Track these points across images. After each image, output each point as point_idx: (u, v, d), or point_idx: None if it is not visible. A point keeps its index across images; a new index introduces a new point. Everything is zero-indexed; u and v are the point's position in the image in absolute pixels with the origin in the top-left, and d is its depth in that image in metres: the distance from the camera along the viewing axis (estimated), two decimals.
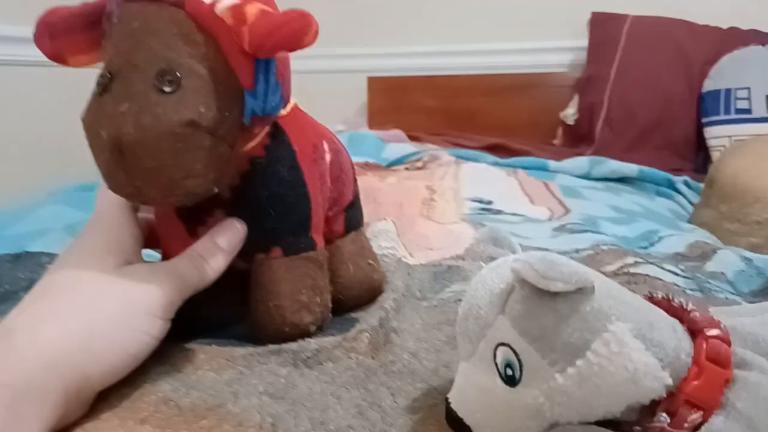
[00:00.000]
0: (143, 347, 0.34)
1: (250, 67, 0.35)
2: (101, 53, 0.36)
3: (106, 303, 0.34)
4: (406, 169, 1.17)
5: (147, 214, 0.42)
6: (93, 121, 0.33)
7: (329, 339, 0.39)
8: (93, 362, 0.32)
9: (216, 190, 0.36)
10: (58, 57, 0.37)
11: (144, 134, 0.32)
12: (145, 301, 0.35)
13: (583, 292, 0.26)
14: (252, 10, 0.33)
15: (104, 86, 0.33)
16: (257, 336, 0.41)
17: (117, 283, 0.35)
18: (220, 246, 0.38)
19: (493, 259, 0.31)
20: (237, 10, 0.33)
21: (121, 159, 0.32)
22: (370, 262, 0.48)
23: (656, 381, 0.25)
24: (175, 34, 0.34)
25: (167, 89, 0.32)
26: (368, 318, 0.43)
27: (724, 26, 1.57)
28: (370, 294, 0.48)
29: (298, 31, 0.33)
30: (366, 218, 0.72)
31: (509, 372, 0.27)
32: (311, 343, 0.38)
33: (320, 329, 0.42)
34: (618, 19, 1.64)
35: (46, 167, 1.01)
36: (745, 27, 1.55)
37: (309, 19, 0.33)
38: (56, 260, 0.37)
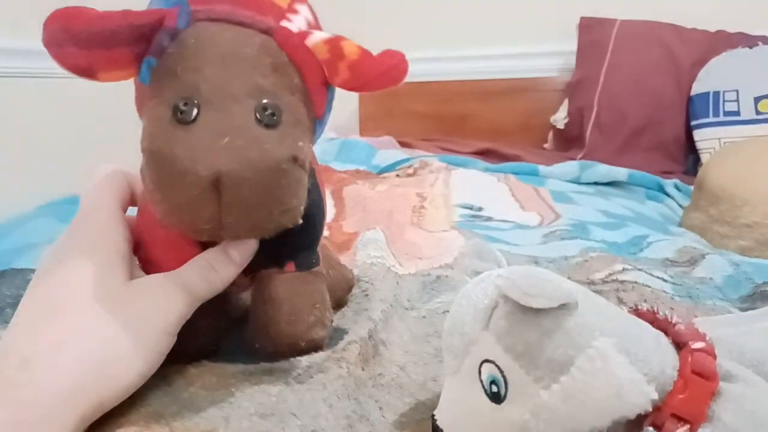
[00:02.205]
0: (153, 366, 0.33)
1: (324, 97, 0.35)
2: (160, 75, 0.32)
3: (120, 323, 0.32)
4: (397, 176, 1.17)
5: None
6: (182, 154, 0.30)
7: (319, 354, 0.39)
8: (108, 387, 0.31)
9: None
10: (85, 70, 0.31)
11: (250, 170, 0.30)
12: (158, 318, 0.33)
13: (566, 307, 0.25)
14: (350, 47, 0.33)
15: (188, 115, 0.30)
16: (265, 351, 0.39)
17: (129, 300, 0.33)
18: (232, 258, 0.37)
19: (478, 273, 0.31)
20: (334, 45, 0.33)
21: (215, 195, 0.30)
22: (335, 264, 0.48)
23: (641, 396, 0.25)
24: (269, 65, 0.32)
25: (269, 123, 0.31)
26: (357, 329, 0.43)
27: (712, 29, 1.58)
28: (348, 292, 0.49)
29: (403, 73, 0.35)
30: (355, 227, 0.73)
31: (494, 389, 0.26)
32: (302, 361, 0.38)
33: None
34: (606, 23, 1.65)
35: (35, 180, 1.01)
36: (732, 30, 1.56)
37: (406, 60, 0.35)
38: (49, 265, 0.34)
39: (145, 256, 0.39)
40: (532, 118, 1.82)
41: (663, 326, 0.28)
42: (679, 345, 0.27)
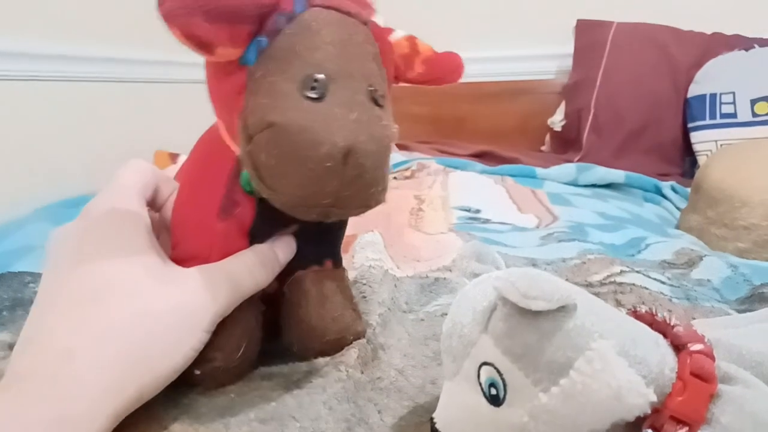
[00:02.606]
0: (188, 362, 0.33)
1: (389, 89, 0.37)
2: (278, 54, 0.32)
3: (164, 315, 0.31)
4: (395, 178, 1.17)
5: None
6: (318, 126, 0.30)
7: (318, 360, 0.39)
8: (148, 381, 0.30)
9: None
10: (206, 44, 0.30)
11: (375, 144, 0.31)
12: (200, 313, 0.33)
13: (565, 309, 0.25)
14: (422, 45, 0.39)
15: (319, 91, 0.31)
16: (309, 351, 0.40)
17: (174, 291, 0.32)
18: (278, 256, 0.37)
19: (476, 275, 0.31)
20: (412, 42, 0.38)
21: (343, 168, 0.30)
22: None
23: (640, 398, 0.25)
24: (371, 53, 0.34)
25: (378, 103, 0.33)
26: None
27: (708, 32, 1.58)
28: None
29: (462, 72, 0.41)
30: (353, 230, 0.72)
31: (493, 391, 0.26)
32: (302, 366, 0.38)
33: None
34: (603, 25, 1.65)
35: (33, 183, 1.00)
36: (728, 32, 1.56)
37: (462, 61, 0.41)
38: (76, 249, 0.33)
39: (183, 253, 0.38)
40: (529, 121, 1.82)
41: (662, 328, 0.28)
42: (678, 347, 0.27)
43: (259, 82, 0.32)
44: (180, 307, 0.32)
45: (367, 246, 0.60)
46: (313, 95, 0.31)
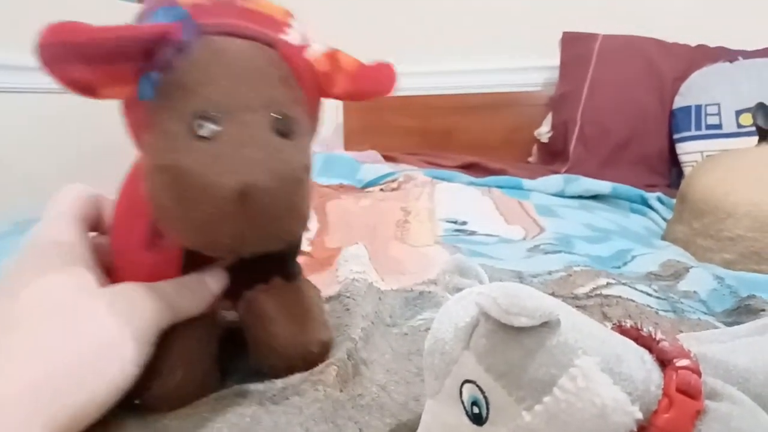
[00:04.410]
0: (131, 378, 0.31)
1: (318, 109, 0.36)
2: (169, 90, 0.31)
3: (94, 331, 0.30)
4: (381, 190, 1.17)
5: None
6: (206, 168, 0.29)
7: (296, 376, 0.38)
8: (84, 403, 0.29)
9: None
10: (86, 87, 0.29)
11: (275, 180, 0.30)
12: (137, 326, 0.32)
13: (548, 325, 0.25)
14: (346, 58, 0.35)
15: (211, 129, 0.30)
16: (277, 369, 0.38)
17: (109, 309, 0.31)
18: (209, 285, 0.36)
19: (459, 289, 0.30)
20: (332, 57, 0.35)
21: (240, 208, 0.29)
22: None
23: (626, 416, 0.24)
24: (277, 77, 0.33)
25: (284, 133, 0.31)
26: (336, 350, 0.42)
27: (693, 44, 1.59)
28: None
29: (394, 82, 0.38)
30: (339, 243, 0.72)
31: (476, 410, 0.26)
32: (277, 383, 0.37)
33: None
34: (589, 38, 1.67)
35: (12, 195, 0.99)
36: (712, 44, 1.58)
37: (395, 69, 0.38)
38: (10, 276, 0.32)
39: (117, 282, 0.37)
40: (516, 132, 1.83)
41: (647, 343, 0.28)
42: (664, 362, 0.27)
43: (152, 120, 0.31)
44: (116, 324, 0.31)
45: (351, 259, 0.59)
46: (203, 134, 0.30)
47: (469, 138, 1.86)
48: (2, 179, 0.96)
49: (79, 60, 0.28)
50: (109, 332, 0.31)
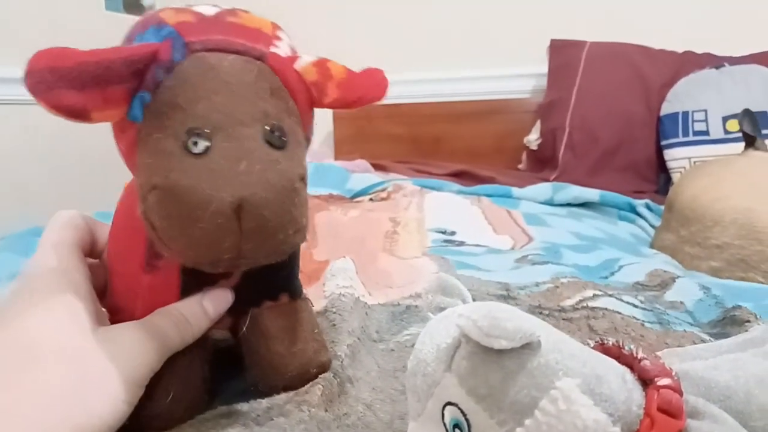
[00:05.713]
0: (121, 416, 0.32)
1: (311, 119, 0.36)
2: (160, 109, 0.31)
3: (86, 375, 0.31)
4: (371, 199, 1.16)
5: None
6: (203, 184, 0.29)
7: (281, 396, 0.38)
8: (62, 428, 0.29)
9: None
10: (78, 112, 0.29)
11: (271, 192, 0.30)
12: (128, 369, 0.32)
13: (529, 347, 0.25)
14: (336, 67, 0.35)
15: (204, 145, 0.30)
16: (274, 387, 0.38)
17: (100, 350, 0.31)
18: (206, 311, 0.36)
19: (442, 309, 0.30)
20: (322, 66, 0.35)
21: (236, 222, 0.30)
22: None
23: None
24: (268, 89, 0.33)
25: (278, 145, 0.32)
26: None
27: (679, 50, 1.61)
28: None
29: (385, 89, 0.37)
30: (326, 255, 0.72)
31: None
32: (262, 403, 0.37)
33: None
34: (576, 45, 1.68)
35: (2, 208, 0.98)
36: (699, 51, 1.59)
37: (386, 76, 0.38)
38: (6, 312, 0.32)
39: (114, 304, 0.37)
40: (505, 140, 1.83)
41: (629, 362, 0.28)
42: (646, 381, 0.27)
43: (144, 140, 0.31)
44: (110, 368, 0.31)
45: (338, 273, 0.59)
46: (197, 150, 0.30)
47: (459, 145, 1.86)
48: None
49: (69, 85, 0.28)
50: (97, 370, 0.31)
